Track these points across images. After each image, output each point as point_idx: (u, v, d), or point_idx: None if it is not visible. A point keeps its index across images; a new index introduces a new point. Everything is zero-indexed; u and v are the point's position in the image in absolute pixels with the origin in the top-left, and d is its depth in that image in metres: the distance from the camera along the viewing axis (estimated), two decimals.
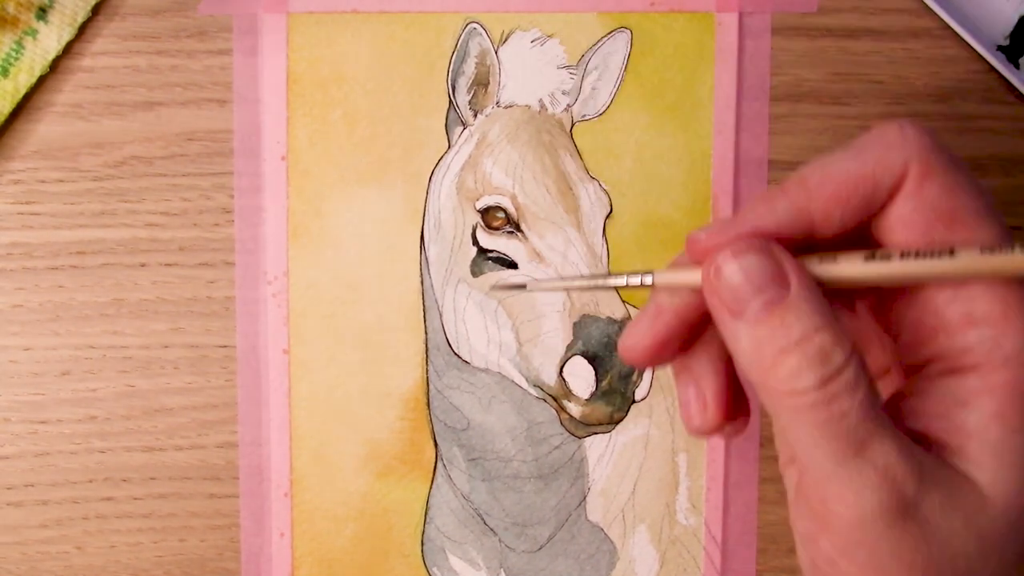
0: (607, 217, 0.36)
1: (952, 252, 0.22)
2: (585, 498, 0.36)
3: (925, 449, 0.23)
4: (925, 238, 0.23)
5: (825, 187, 0.23)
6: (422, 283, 0.36)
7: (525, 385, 0.36)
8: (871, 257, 0.22)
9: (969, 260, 0.22)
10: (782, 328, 0.22)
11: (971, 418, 0.22)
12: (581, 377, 0.36)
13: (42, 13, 0.35)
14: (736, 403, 0.25)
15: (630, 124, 0.36)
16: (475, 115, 0.36)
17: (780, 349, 0.21)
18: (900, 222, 0.23)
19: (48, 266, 0.36)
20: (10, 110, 0.35)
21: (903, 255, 0.22)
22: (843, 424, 0.22)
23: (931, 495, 0.22)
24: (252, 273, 0.36)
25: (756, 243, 0.22)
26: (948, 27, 0.35)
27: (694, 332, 0.25)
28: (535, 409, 0.36)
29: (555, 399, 0.36)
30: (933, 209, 0.23)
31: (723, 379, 0.25)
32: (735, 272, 0.22)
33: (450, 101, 0.36)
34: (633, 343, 0.25)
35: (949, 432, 0.23)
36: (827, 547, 0.23)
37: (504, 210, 0.36)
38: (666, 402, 0.36)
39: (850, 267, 0.22)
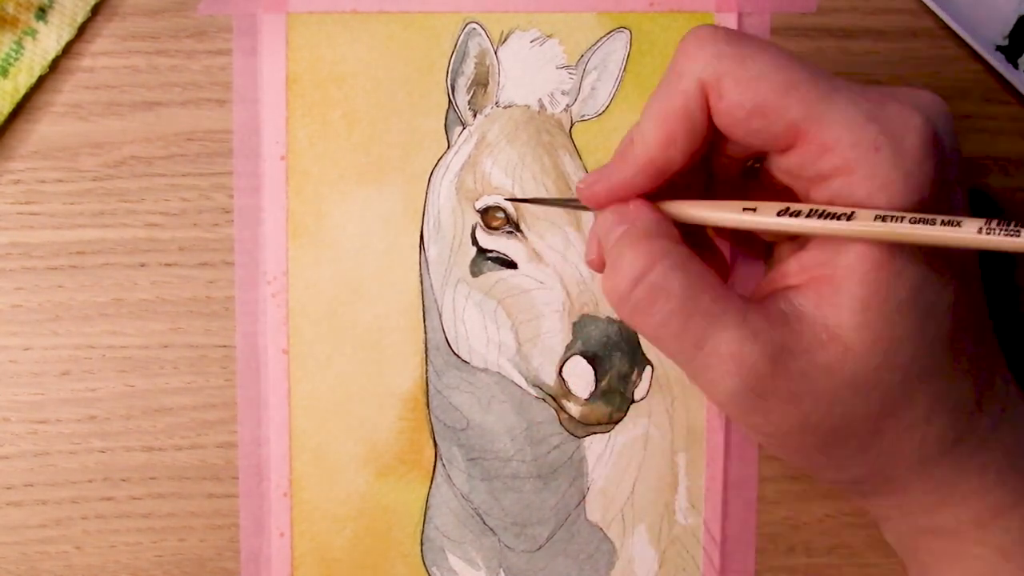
0: None
1: (850, 216, 0.24)
2: (584, 498, 0.37)
3: (800, 302, 0.26)
4: (744, 128, 0.26)
5: (651, 138, 0.27)
6: (421, 283, 0.36)
7: (524, 385, 0.36)
8: (751, 211, 0.26)
9: (865, 226, 0.24)
10: (611, 257, 0.27)
11: (835, 265, 0.25)
12: (580, 377, 0.36)
13: (41, 13, 0.35)
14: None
15: (629, 124, 0.36)
16: (474, 115, 0.36)
17: (607, 273, 0.27)
18: (722, 124, 0.26)
19: (48, 266, 0.36)
20: (9, 110, 0.35)
21: (786, 213, 0.25)
22: (671, 326, 0.25)
23: (790, 363, 0.25)
24: (251, 273, 0.36)
25: (613, 204, 0.28)
26: (947, 27, 0.35)
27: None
28: (534, 409, 0.36)
29: (554, 399, 0.36)
30: (738, 107, 0.25)
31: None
32: (602, 222, 0.28)
33: (449, 101, 0.36)
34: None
35: (820, 283, 0.26)
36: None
37: (503, 210, 0.36)
38: (665, 402, 0.36)
39: (723, 214, 0.26)
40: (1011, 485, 0.28)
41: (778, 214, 0.25)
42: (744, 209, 0.26)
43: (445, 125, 0.36)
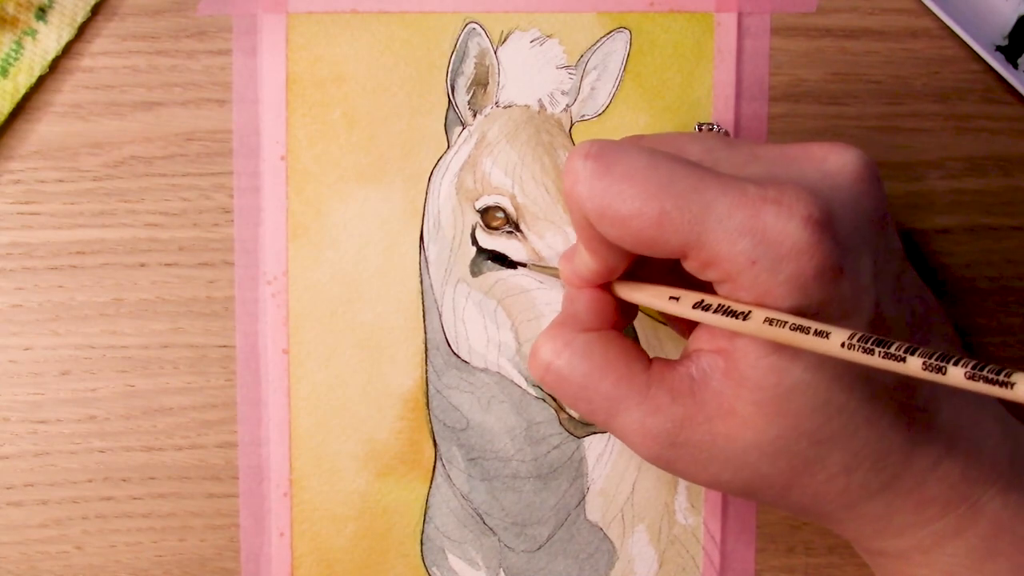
0: None
1: (747, 316, 0.25)
2: (584, 498, 0.37)
3: (707, 369, 0.27)
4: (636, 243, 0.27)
5: (588, 258, 0.29)
6: (421, 283, 0.36)
7: (524, 385, 0.36)
8: (675, 299, 0.27)
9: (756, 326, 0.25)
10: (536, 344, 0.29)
11: (737, 343, 0.26)
12: None
13: (41, 13, 0.35)
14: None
15: (629, 124, 0.36)
16: (474, 115, 0.36)
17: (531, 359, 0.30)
18: (629, 248, 0.27)
19: (48, 266, 0.36)
20: (9, 110, 0.35)
21: (700, 306, 0.26)
22: (583, 407, 0.28)
23: (692, 433, 0.27)
24: (251, 273, 0.36)
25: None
26: (947, 27, 0.35)
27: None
28: (534, 409, 0.36)
29: (554, 399, 0.36)
30: (632, 242, 0.26)
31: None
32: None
33: (449, 101, 0.36)
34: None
35: (724, 354, 0.27)
36: None
37: (503, 210, 0.36)
38: None
39: (654, 299, 0.28)
40: (953, 516, 0.28)
41: (694, 306, 0.26)
42: (670, 297, 0.28)
43: (445, 125, 0.36)
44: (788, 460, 0.26)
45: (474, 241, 0.36)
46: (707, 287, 0.27)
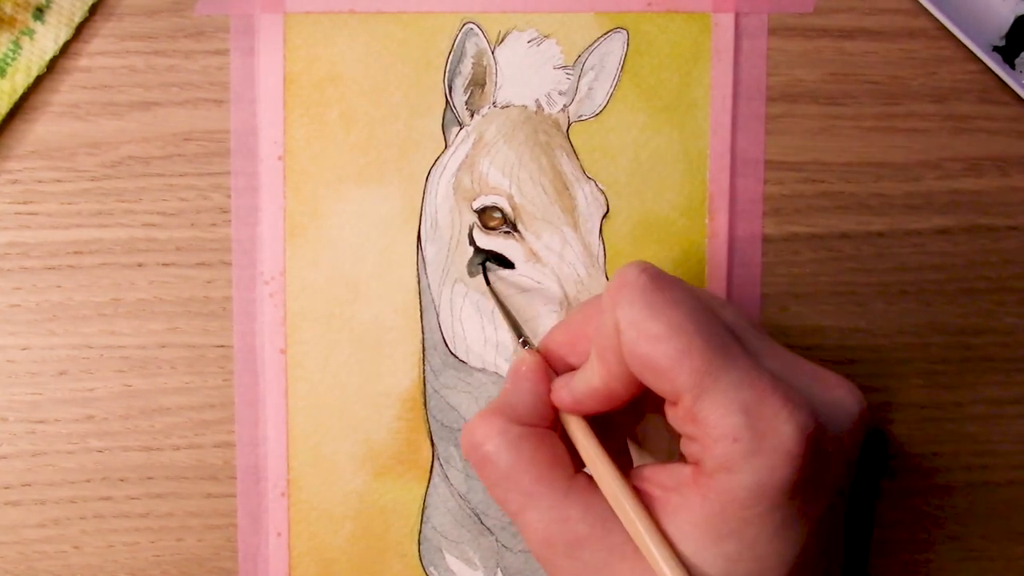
0: (604, 217, 0.36)
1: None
2: None
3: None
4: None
5: (598, 371, 0.29)
6: (419, 283, 0.36)
7: None
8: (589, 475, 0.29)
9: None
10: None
11: (672, 500, 0.27)
12: None
13: (39, 13, 0.35)
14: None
15: (627, 124, 0.36)
16: (472, 115, 0.36)
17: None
18: (632, 367, 0.28)
19: (45, 266, 0.36)
20: (7, 110, 0.35)
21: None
22: (494, 494, 0.29)
23: (582, 555, 0.28)
24: (249, 273, 0.36)
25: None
26: (944, 28, 0.35)
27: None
28: None
29: None
30: (645, 362, 0.27)
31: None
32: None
33: (447, 101, 0.36)
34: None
35: (659, 497, 0.28)
36: None
37: (501, 210, 0.36)
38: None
39: (586, 457, 0.30)
40: None
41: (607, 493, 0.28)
42: (587, 468, 0.29)
43: (442, 125, 0.36)
44: None
45: (471, 241, 0.36)
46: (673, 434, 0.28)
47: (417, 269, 0.36)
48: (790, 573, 0.26)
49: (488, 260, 0.36)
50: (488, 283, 0.36)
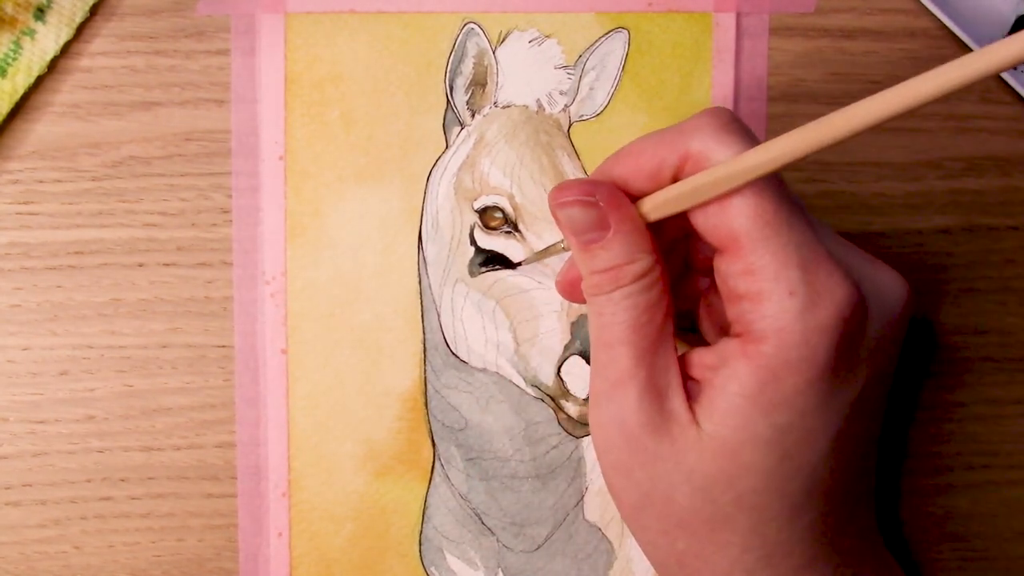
0: None
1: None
2: (583, 498, 0.37)
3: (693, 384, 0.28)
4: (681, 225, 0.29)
5: (630, 160, 0.28)
6: (420, 283, 0.36)
7: (523, 385, 0.36)
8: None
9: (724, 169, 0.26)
10: (593, 260, 0.28)
11: (720, 375, 0.27)
12: (579, 377, 0.36)
13: (40, 13, 0.35)
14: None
15: (628, 124, 0.36)
16: (473, 115, 0.36)
17: (590, 271, 0.28)
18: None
19: (46, 266, 0.36)
20: (8, 110, 0.35)
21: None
22: (599, 376, 0.28)
23: (659, 440, 0.27)
24: (250, 273, 0.36)
25: (583, 200, 0.28)
26: (945, 27, 0.35)
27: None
28: (533, 409, 0.36)
29: (553, 399, 0.36)
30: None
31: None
32: (562, 220, 0.28)
33: (448, 101, 0.36)
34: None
35: (706, 378, 0.27)
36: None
37: (502, 210, 0.36)
38: None
39: (650, 202, 0.28)
40: None
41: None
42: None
43: (443, 125, 0.36)
44: (711, 505, 0.27)
45: (472, 241, 0.36)
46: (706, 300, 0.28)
47: (418, 269, 0.36)
48: (835, 448, 0.27)
49: (489, 260, 0.36)
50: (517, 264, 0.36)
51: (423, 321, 0.36)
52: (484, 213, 0.36)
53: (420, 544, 0.37)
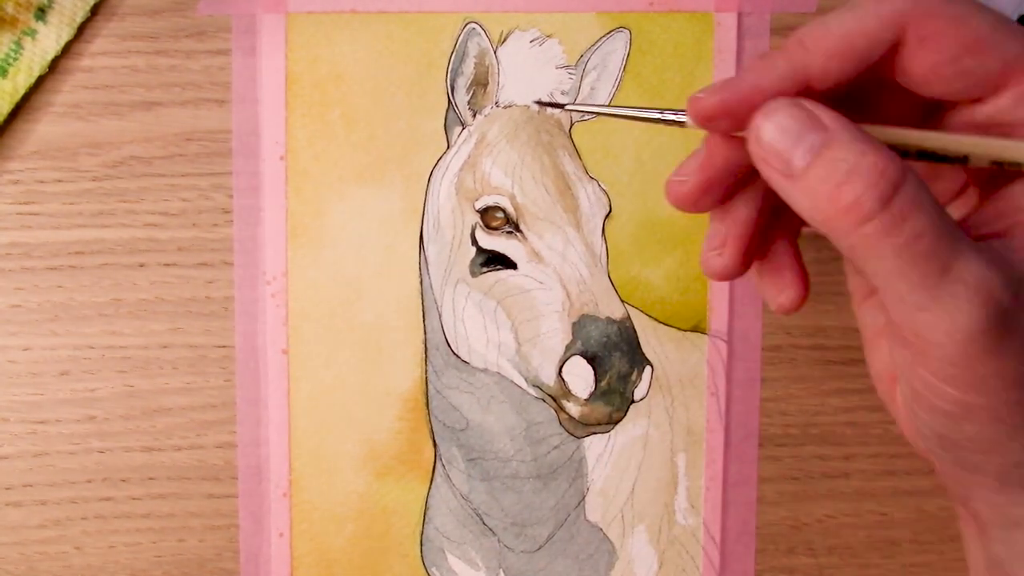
0: (606, 217, 0.36)
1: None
2: (584, 498, 0.37)
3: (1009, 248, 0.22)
4: (953, 69, 0.23)
5: (822, 43, 0.24)
6: (421, 283, 0.36)
7: (524, 385, 0.36)
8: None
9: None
10: (831, 164, 0.22)
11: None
12: (580, 377, 0.36)
13: (41, 13, 0.35)
14: (770, 263, 0.27)
15: (629, 124, 0.36)
16: (474, 115, 0.36)
17: (836, 185, 0.21)
18: (923, 66, 0.23)
19: (47, 266, 0.36)
20: (9, 110, 0.35)
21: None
22: (921, 245, 0.21)
23: None
24: (251, 273, 0.36)
25: (782, 100, 0.23)
26: None
27: (737, 184, 0.26)
28: (534, 409, 0.36)
29: (554, 399, 0.36)
30: (950, 45, 0.23)
31: (750, 228, 0.26)
32: (772, 132, 0.22)
33: (449, 101, 0.36)
34: (679, 182, 0.26)
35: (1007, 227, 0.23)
36: (928, 377, 0.22)
37: (503, 210, 0.36)
38: (665, 402, 0.36)
39: (902, 134, 0.23)
40: None
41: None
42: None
43: (445, 125, 0.36)
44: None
45: (474, 241, 0.36)
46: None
47: (419, 269, 0.36)
48: None
49: (491, 260, 0.36)
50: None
51: (424, 321, 0.36)
52: (485, 213, 0.36)
53: (421, 544, 0.37)
